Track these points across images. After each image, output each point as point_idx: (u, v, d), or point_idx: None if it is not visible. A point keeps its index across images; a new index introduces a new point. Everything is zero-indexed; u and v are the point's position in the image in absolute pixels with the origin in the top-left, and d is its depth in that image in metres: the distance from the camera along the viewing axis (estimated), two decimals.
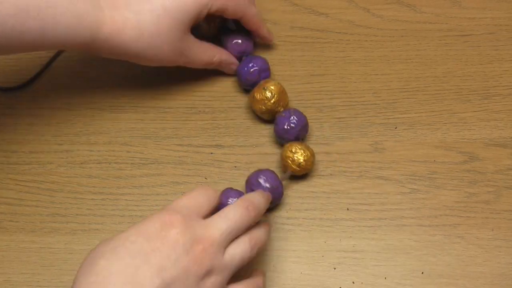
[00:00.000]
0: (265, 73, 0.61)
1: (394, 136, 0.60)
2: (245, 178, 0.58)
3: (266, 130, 0.61)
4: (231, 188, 0.54)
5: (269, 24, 0.67)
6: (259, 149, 0.60)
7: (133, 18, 0.53)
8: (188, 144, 0.60)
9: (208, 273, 0.44)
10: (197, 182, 0.58)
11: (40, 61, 0.64)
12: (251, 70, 0.60)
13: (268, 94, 0.59)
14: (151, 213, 0.56)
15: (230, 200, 0.52)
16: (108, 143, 0.60)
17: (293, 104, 0.62)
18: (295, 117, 0.58)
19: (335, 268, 0.54)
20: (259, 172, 0.55)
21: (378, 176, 0.58)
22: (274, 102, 0.59)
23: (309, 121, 0.60)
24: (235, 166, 0.59)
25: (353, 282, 0.54)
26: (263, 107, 0.59)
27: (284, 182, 0.56)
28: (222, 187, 0.58)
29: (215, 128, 0.61)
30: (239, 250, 0.46)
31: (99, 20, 0.52)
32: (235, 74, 0.63)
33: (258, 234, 0.48)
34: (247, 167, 0.59)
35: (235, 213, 0.47)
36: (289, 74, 0.64)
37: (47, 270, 0.54)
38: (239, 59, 0.62)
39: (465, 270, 0.54)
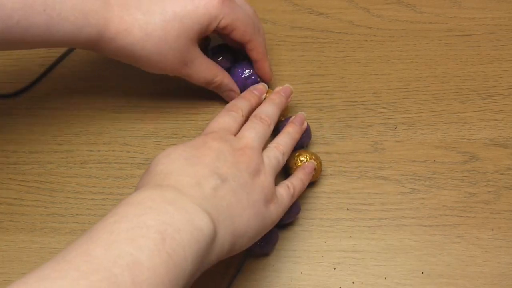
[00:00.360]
0: (254, 77, 0.61)
1: (394, 136, 0.60)
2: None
3: None
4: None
5: (269, 24, 0.67)
6: None
7: (142, 20, 0.53)
8: None
9: (256, 171, 0.48)
10: None
11: (39, 68, 0.64)
12: (247, 78, 0.61)
13: None
14: None
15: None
16: (108, 143, 0.60)
17: (293, 104, 0.62)
18: None
19: (335, 268, 0.54)
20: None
21: (378, 176, 0.58)
22: None
23: (309, 121, 0.60)
24: None
25: (353, 282, 0.54)
26: None
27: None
28: None
29: None
30: (272, 154, 0.51)
31: (107, 18, 0.52)
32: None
33: (283, 140, 0.53)
34: None
35: (256, 125, 0.51)
36: (289, 74, 0.64)
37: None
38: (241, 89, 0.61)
39: (465, 270, 0.54)
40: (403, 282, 0.54)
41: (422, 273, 0.54)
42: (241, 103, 0.54)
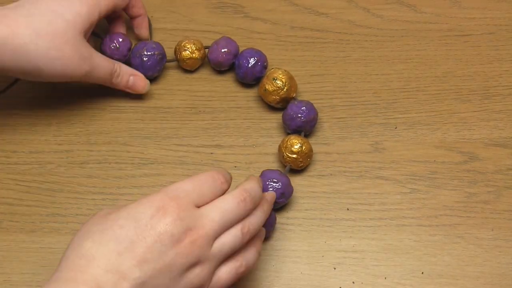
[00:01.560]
0: (264, 64, 0.62)
1: (394, 136, 0.60)
2: (245, 178, 0.58)
3: (266, 130, 0.61)
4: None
5: (269, 24, 0.67)
6: (259, 149, 0.60)
7: (25, 21, 0.53)
8: (188, 144, 0.60)
9: (193, 264, 0.43)
10: None
11: None
12: (253, 64, 0.61)
13: (280, 84, 0.59)
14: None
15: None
16: (108, 143, 0.60)
17: None
18: (305, 109, 0.58)
19: (335, 268, 0.54)
20: (266, 174, 0.55)
21: (378, 176, 0.58)
22: (286, 90, 0.59)
23: None
24: (235, 166, 0.59)
25: (353, 282, 0.54)
26: (277, 97, 0.59)
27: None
28: None
29: (215, 128, 0.61)
30: (230, 238, 0.45)
31: None
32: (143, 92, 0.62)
33: (253, 220, 0.47)
34: (247, 167, 0.59)
35: (231, 204, 0.45)
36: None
37: (47, 270, 0.54)
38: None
39: (465, 270, 0.54)
40: (403, 282, 0.54)
41: (422, 273, 0.54)
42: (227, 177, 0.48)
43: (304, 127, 0.58)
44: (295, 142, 0.57)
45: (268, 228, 0.53)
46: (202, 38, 0.65)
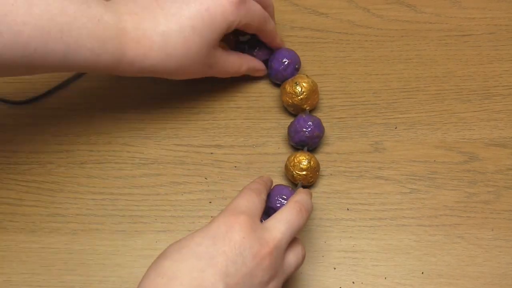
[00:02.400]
0: (295, 66, 0.61)
1: (394, 136, 0.60)
2: (245, 178, 0.58)
3: (266, 130, 0.61)
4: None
5: None
6: (259, 149, 0.60)
7: (161, 41, 0.52)
8: (188, 144, 0.60)
9: (271, 278, 0.44)
10: (197, 182, 0.58)
11: (53, 78, 0.63)
12: (283, 64, 0.61)
13: (298, 89, 0.58)
14: (151, 212, 0.56)
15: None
16: (108, 143, 0.60)
17: None
18: (311, 124, 0.57)
19: (335, 268, 0.54)
20: (277, 189, 0.54)
21: (378, 176, 0.58)
22: (301, 98, 0.59)
23: None
24: (235, 166, 0.59)
25: (353, 282, 0.54)
26: (290, 101, 0.59)
27: None
28: (222, 187, 0.58)
29: (215, 128, 0.61)
30: (295, 258, 0.47)
31: (124, 44, 0.51)
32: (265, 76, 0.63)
33: (302, 245, 0.49)
34: (247, 167, 0.59)
35: (293, 216, 0.47)
36: None
37: (47, 270, 0.54)
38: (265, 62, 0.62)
39: (465, 270, 0.54)
40: (403, 282, 0.54)
41: (422, 273, 0.54)
42: (262, 187, 0.51)
43: (307, 143, 0.58)
44: (303, 159, 0.56)
45: None
46: None
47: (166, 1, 0.53)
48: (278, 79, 0.62)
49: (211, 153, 0.60)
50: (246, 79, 0.64)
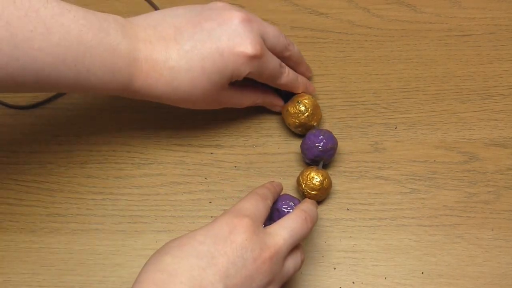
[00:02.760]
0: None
1: (394, 136, 0.60)
2: (245, 178, 0.58)
3: (266, 130, 0.61)
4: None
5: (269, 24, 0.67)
6: (259, 149, 0.60)
7: (168, 76, 0.51)
8: (188, 144, 0.60)
9: (270, 281, 0.44)
10: (197, 182, 0.58)
11: None
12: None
13: (302, 108, 0.58)
14: (151, 212, 0.56)
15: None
16: (108, 143, 0.60)
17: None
18: (323, 138, 0.56)
19: (335, 268, 0.54)
20: (285, 197, 0.54)
21: (378, 176, 0.58)
22: (307, 115, 0.58)
23: None
24: (235, 166, 0.59)
25: (353, 282, 0.54)
26: (297, 121, 0.58)
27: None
28: (222, 187, 0.58)
29: (215, 128, 0.61)
30: (293, 264, 0.48)
31: (133, 75, 0.51)
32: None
33: (302, 251, 0.49)
34: (247, 167, 0.59)
35: (297, 224, 0.47)
36: None
37: (47, 270, 0.54)
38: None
39: (465, 270, 0.54)
40: (403, 282, 0.54)
41: (422, 273, 0.54)
42: (270, 193, 0.51)
43: (322, 157, 0.57)
44: (315, 177, 0.55)
45: None
46: None
47: (184, 34, 0.52)
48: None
49: (211, 153, 0.60)
50: None
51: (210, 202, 0.57)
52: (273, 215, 0.53)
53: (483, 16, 0.67)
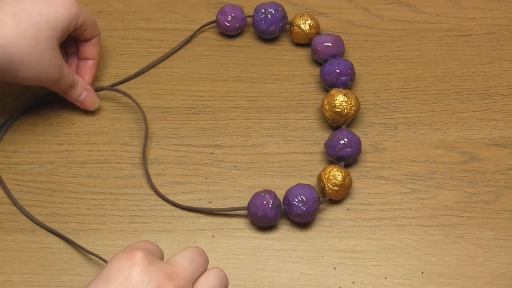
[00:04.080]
0: (345, 77, 0.60)
1: (394, 136, 0.60)
2: (245, 178, 0.58)
3: (266, 130, 0.61)
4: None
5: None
6: (259, 149, 0.60)
7: (11, 21, 0.52)
8: (188, 144, 0.60)
9: None
10: (197, 182, 0.58)
11: None
12: (331, 72, 0.60)
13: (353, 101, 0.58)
14: (151, 212, 0.56)
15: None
16: (108, 143, 0.60)
17: (293, 104, 0.62)
18: (347, 139, 0.57)
19: (335, 268, 0.54)
20: (299, 188, 0.55)
21: (378, 176, 0.58)
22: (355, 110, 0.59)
23: (309, 121, 0.60)
24: (235, 166, 0.59)
25: (353, 282, 0.54)
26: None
27: (321, 206, 0.56)
28: (222, 187, 0.58)
29: (215, 128, 0.61)
30: (212, 281, 0.44)
31: None
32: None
33: (220, 272, 0.45)
34: (247, 167, 0.59)
35: (195, 252, 0.44)
36: (289, 74, 0.64)
37: (47, 270, 0.54)
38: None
39: (465, 270, 0.54)
40: (403, 282, 0.54)
41: (422, 273, 0.54)
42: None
43: (347, 159, 0.57)
44: (338, 175, 0.55)
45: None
46: (202, 38, 0.65)
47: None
48: (326, 85, 0.61)
49: (211, 153, 0.60)
50: (246, 79, 0.64)
51: (210, 202, 0.57)
52: (290, 208, 0.54)
53: (483, 16, 0.67)
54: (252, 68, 0.64)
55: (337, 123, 0.59)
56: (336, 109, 0.58)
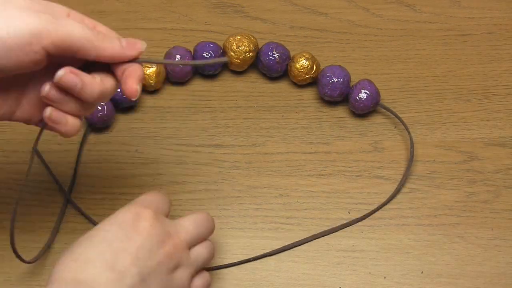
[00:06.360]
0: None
1: (394, 136, 0.60)
2: (245, 178, 0.58)
3: (266, 130, 0.61)
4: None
5: (269, 23, 0.67)
6: (259, 149, 0.60)
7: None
8: (188, 144, 0.60)
9: (177, 266, 0.45)
10: (197, 182, 0.58)
11: None
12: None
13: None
14: None
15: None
16: (108, 143, 0.60)
17: (294, 104, 0.62)
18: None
19: (335, 268, 0.54)
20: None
21: (378, 175, 0.58)
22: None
23: (309, 120, 0.60)
24: (235, 166, 0.59)
25: (353, 282, 0.54)
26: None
27: None
28: (222, 187, 0.58)
29: (215, 128, 0.61)
30: (205, 251, 0.48)
31: None
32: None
33: (213, 246, 0.49)
34: (247, 167, 0.59)
35: (203, 219, 0.48)
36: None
37: (48, 270, 0.54)
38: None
39: (464, 270, 0.54)
40: (402, 281, 0.54)
41: (422, 272, 0.54)
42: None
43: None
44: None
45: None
46: (202, 38, 0.65)
47: None
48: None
49: (211, 153, 0.60)
50: (245, 79, 0.64)
51: (210, 202, 0.57)
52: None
53: (482, 16, 0.67)
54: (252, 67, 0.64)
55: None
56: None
